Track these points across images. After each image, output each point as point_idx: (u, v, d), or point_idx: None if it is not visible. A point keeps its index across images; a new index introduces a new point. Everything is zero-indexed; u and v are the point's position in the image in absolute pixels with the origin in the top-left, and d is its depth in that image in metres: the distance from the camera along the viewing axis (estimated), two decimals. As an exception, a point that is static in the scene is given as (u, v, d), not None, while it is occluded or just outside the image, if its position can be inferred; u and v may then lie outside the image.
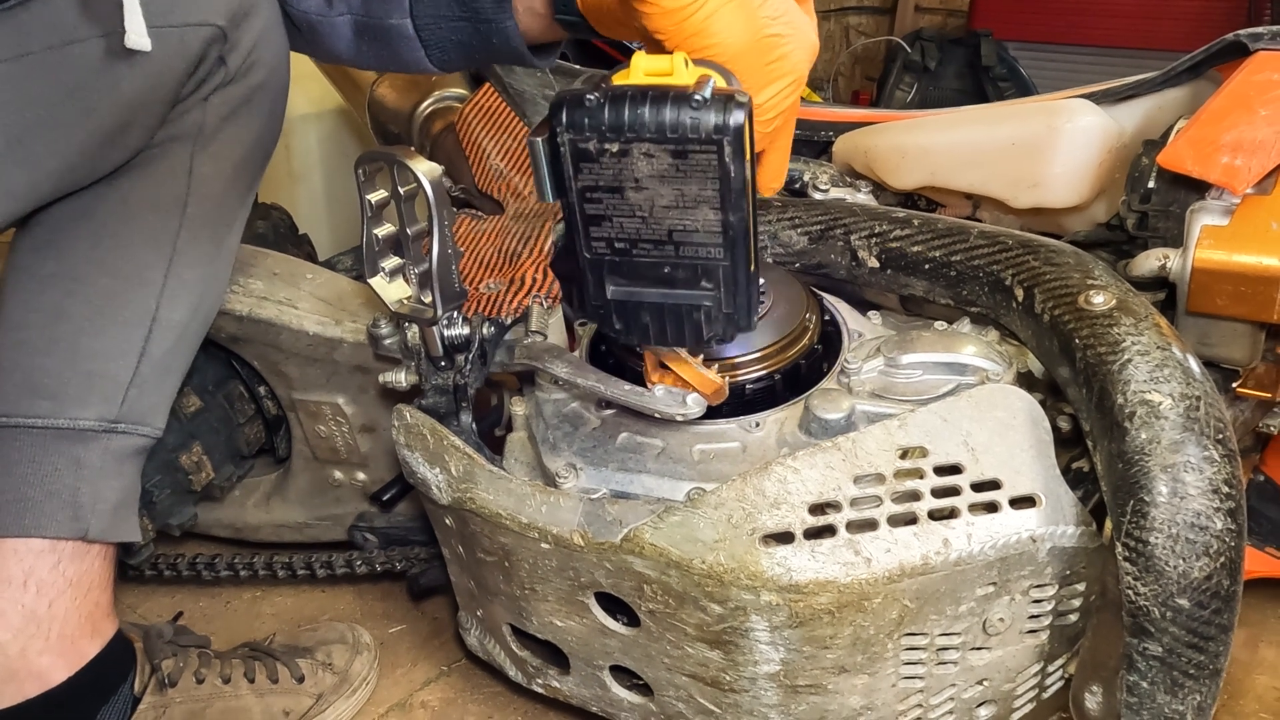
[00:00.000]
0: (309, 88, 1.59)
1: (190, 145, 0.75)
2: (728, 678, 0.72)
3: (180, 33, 0.69)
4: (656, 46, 0.60)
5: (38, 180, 0.70)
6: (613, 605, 0.76)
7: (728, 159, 0.56)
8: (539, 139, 0.59)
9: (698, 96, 0.55)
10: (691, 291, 0.62)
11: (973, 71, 2.48)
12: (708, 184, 0.57)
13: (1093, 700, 0.67)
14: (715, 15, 0.58)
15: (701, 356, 0.74)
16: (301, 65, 0.84)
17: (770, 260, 0.91)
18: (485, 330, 0.84)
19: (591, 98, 0.56)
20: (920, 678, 0.71)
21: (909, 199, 1.10)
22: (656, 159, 0.57)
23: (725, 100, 0.55)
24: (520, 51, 0.73)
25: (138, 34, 0.65)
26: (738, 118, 0.55)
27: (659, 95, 0.56)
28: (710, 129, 0.55)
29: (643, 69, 0.58)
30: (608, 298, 0.64)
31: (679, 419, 0.72)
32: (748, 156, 0.57)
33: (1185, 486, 0.58)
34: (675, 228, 0.60)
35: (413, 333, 0.85)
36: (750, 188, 0.58)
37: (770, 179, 0.69)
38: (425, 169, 0.72)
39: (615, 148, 0.57)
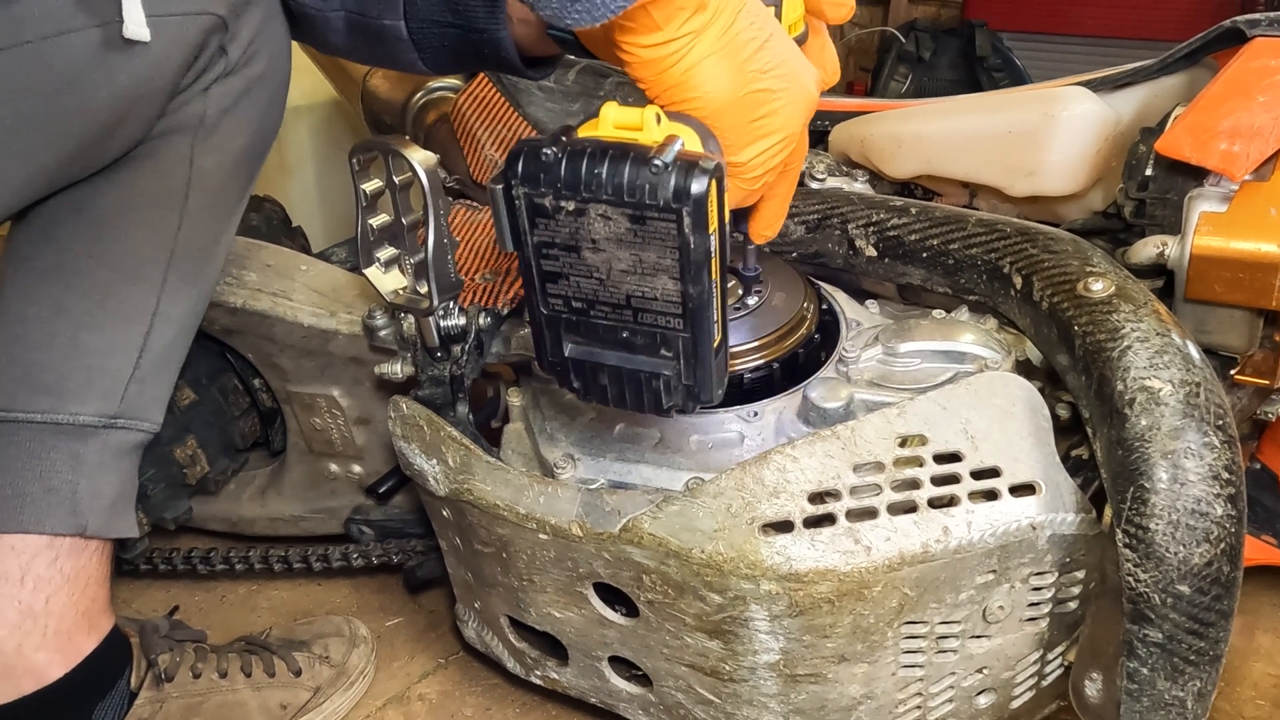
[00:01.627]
0: (301, 80, 1.57)
1: (190, 137, 0.74)
2: (727, 667, 0.72)
3: (179, 22, 0.68)
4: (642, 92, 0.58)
5: (34, 173, 0.69)
6: (611, 596, 0.75)
7: (687, 229, 0.52)
8: (498, 186, 0.56)
9: (657, 161, 0.51)
10: (651, 359, 0.59)
11: (967, 62, 2.48)
12: (666, 253, 0.53)
13: (1092, 687, 0.67)
14: (697, 68, 0.54)
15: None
16: (293, 58, 0.83)
17: (767, 250, 0.90)
18: (481, 321, 0.84)
19: (549, 151, 0.53)
20: (920, 666, 0.71)
21: (905, 188, 1.10)
22: (614, 221, 0.53)
23: (688, 166, 0.51)
24: (513, 62, 0.71)
25: (136, 24, 0.64)
26: (699, 186, 0.51)
27: (619, 154, 0.52)
28: (669, 196, 0.51)
29: (612, 121, 0.55)
30: (565, 356, 0.61)
31: (677, 408, 0.71)
32: (711, 227, 0.53)
33: (1185, 473, 0.58)
34: (633, 293, 0.56)
35: (408, 324, 0.85)
36: (716, 258, 0.55)
37: (763, 227, 0.67)
38: (420, 158, 0.72)
39: (571, 206, 0.54)
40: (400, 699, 0.97)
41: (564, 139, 0.54)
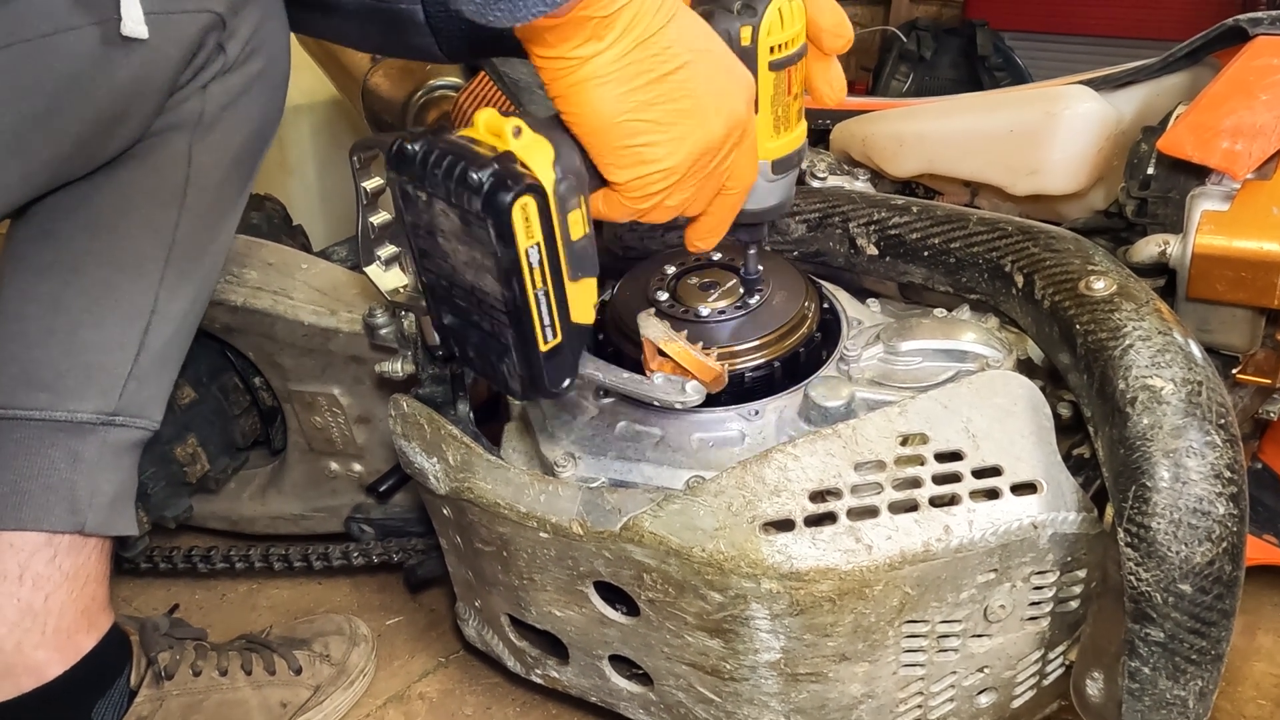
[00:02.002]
0: (301, 79, 1.57)
1: (189, 134, 0.75)
2: (728, 666, 0.72)
3: (177, 19, 0.68)
4: None
5: (34, 170, 0.69)
6: (612, 594, 0.75)
7: (493, 239, 0.55)
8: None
9: (474, 173, 0.54)
10: (496, 344, 0.62)
11: (968, 61, 2.48)
12: (486, 256, 0.57)
13: (1094, 687, 0.67)
14: (578, 87, 0.55)
15: (700, 344, 0.73)
16: (294, 56, 0.83)
17: (769, 249, 0.90)
18: (482, 319, 0.84)
19: (412, 146, 0.57)
20: (921, 665, 0.71)
21: (907, 187, 1.10)
22: (451, 219, 0.57)
23: (500, 181, 0.54)
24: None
25: (134, 21, 0.64)
26: (503, 200, 0.54)
27: (456, 159, 0.55)
28: (479, 207, 0.54)
29: (483, 125, 0.57)
30: (444, 323, 0.65)
31: (678, 407, 0.71)
32: (527, 241, 0.56)
33: (1187, 472, 0.58)
34: (473, 285, 0.60)
35: (409, 322, 0.85)
36: (538, 270, 0.57)
37: (697, 238, 0.68)
38: (421, 156, 0.72)
39: (424, 197, 0.58)
40: (400, 697, 0.97)
41: (432, 136, 0.57)
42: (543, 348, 0.60)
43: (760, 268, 0.80)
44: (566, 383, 0.64)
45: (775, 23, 0.63)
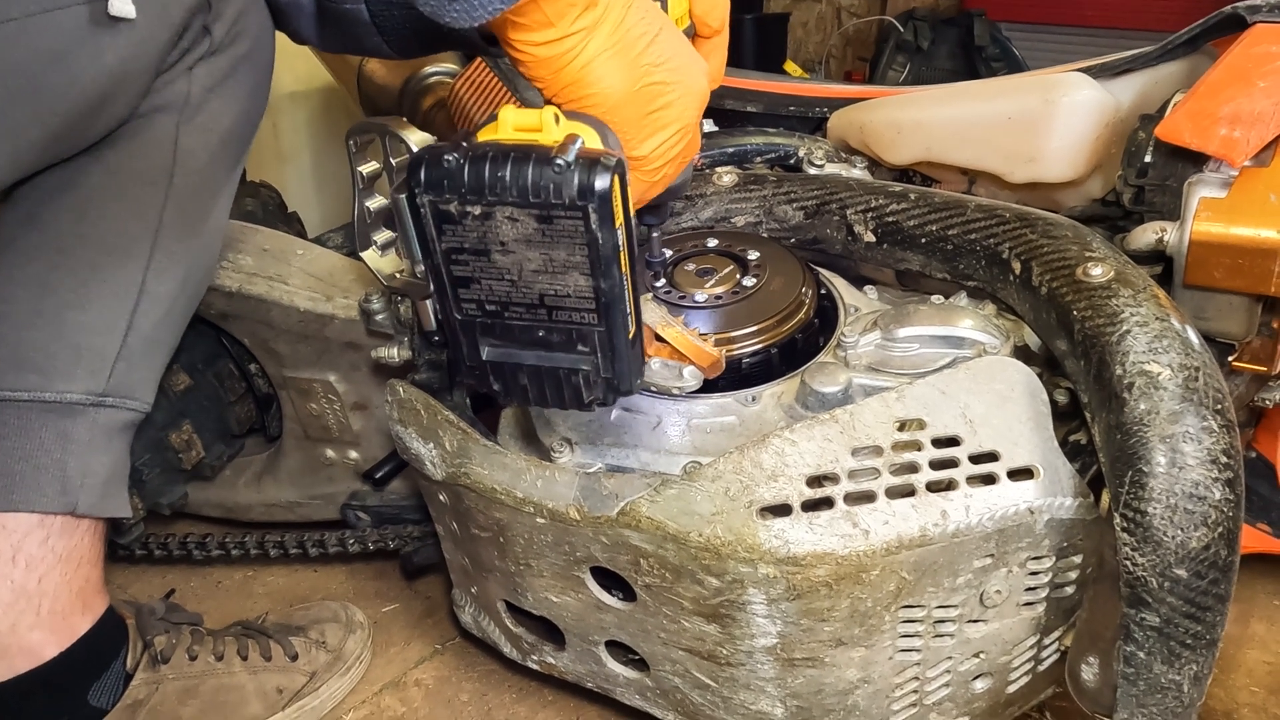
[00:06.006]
0: (296, 65, 1.57)
1: (175, 116, 0.75)
2: (724, 651, 0.72)
3: (165, 0, 0.68)
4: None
5: (20, 150, 0.69)
6: (608, 580, 0.75)
7: (594, 225, 0.53)
8: (401, 196, 0.57)
9: (559, 160, 0.52)
10: (569, 355, 0.60)
11: (965, 51, 2.48)
12: (576, 250, 0.55)
13: (1089, 672, 0.67)
14: (591, 65, 0.55)
15: (698, 329, 0.73)
16: (290, 42, 0.83)
17: (766, 235, 0.90)
18: (479, 305, 0.84)
19: (450, 157, 0.54)
20: (917, 650, 0.71)
21: (904, 175, 1.10)
22: (521, 223, 0.54)
23: (591, 164, 0.52)
24: (473, 40, 0.71)
25: (122, 0, 0.64)
26: (603, 182, 0.52)
27: (521, 156, 0.53)
28: (574, 194, 0.52)
29: (511, 124, 0.55)
30: (483, 359, 0.62)
31: (675, 392, 0.71)
32: (617, 221, 0.54)
33: (1184, 457, 0.58)
34: (546, 292, 0.57)
35: (405, 307, 0.84)
36: (625, 251, 0.56)
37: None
38: (418, 139, 0.71)
39: (478, 210, 0.55)
40: (396, 684, 0.97)
41: (465, 144, 0.55)
42: (628, 337, 0.59)
43: (665, 254, 0.81)
44: (639, 379, 0.62)
45: (675, 2, 0.65)
